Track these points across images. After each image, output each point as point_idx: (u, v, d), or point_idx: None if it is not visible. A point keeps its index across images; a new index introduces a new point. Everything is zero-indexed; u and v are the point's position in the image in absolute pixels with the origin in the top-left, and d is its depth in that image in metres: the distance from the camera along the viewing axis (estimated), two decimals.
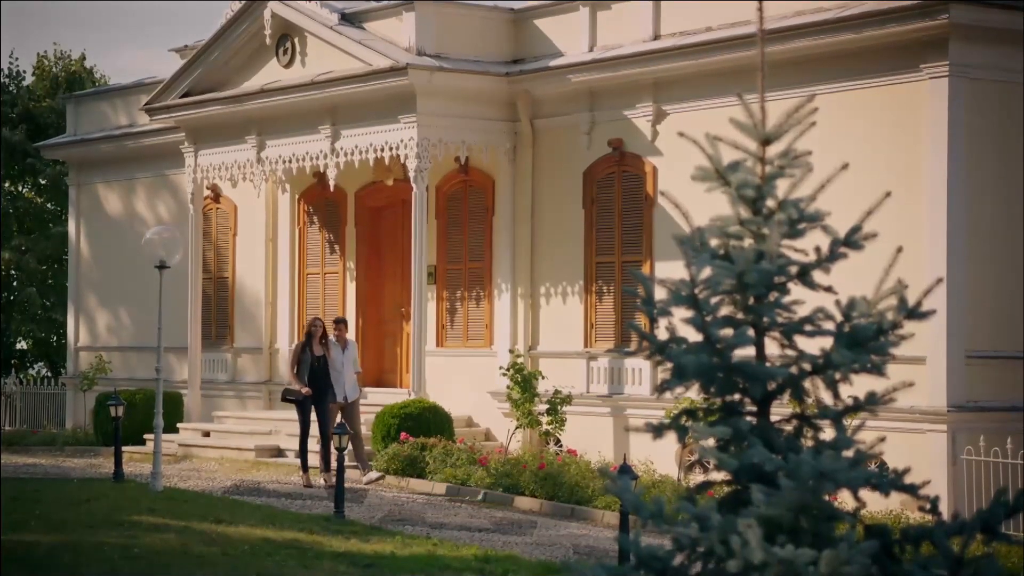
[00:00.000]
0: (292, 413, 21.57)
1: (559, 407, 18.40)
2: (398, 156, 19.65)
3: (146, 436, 20.37)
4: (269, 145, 21.42)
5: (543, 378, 18.80)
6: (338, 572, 10.96)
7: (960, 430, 15.23)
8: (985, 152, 15.76)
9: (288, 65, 21.09)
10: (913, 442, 15.17)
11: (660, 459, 16.77)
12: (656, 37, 18.37)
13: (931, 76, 15.63)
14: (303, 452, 17.45)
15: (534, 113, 19.91)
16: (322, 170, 20.87)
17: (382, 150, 19.77)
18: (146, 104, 23.12)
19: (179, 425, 21.82)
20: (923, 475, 14.30)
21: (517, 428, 18.78)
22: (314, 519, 14.26)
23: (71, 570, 10.50)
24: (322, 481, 17.15)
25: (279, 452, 20.04)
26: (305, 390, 17.15)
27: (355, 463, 17.56)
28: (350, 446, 16.68)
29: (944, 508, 14.50)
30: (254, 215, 23.44)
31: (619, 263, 18.92)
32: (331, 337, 17.79)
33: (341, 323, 18.25)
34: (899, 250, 5.04)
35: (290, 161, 21.10)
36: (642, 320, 16.49)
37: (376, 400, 20.45)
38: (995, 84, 15.83)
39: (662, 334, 5.01)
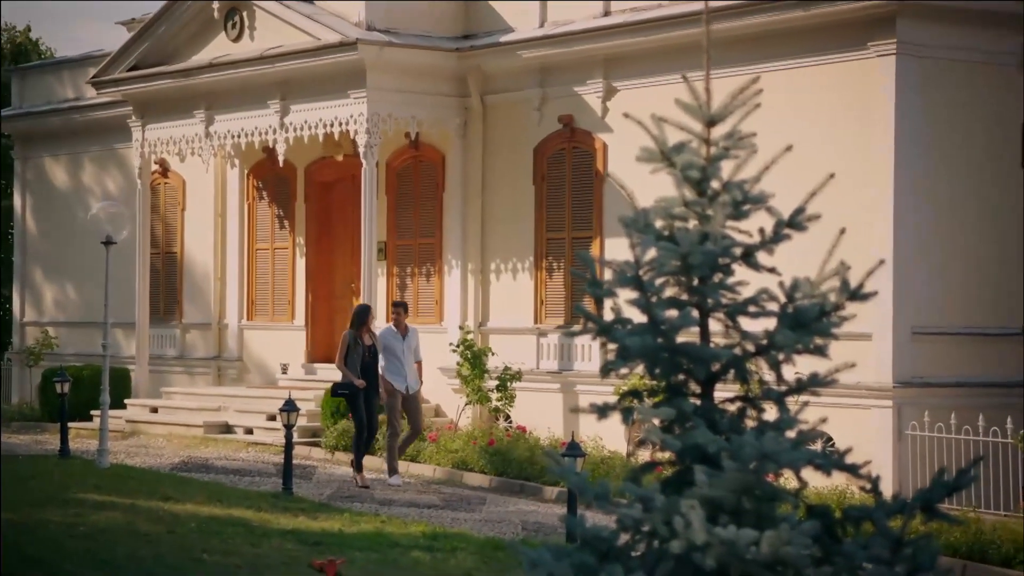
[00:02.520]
0: (239, 388, 21.59)
1: (509, 383, 18.42)
2: (348, 131, 19.55)
3: (93, 412, 20.22)
4: (218, 120, 21.26)
5: (493, 354, 18.80)
6: (285, 550, 10.94)
7: (905, 406, 15.37)
8: (933, 130, 15.86)
9: (237, 39, 20.92)
10: (859, 418, 15.29)
11: (609, 436, 16.82)
12: (607, 13, 18.35)
13: (879, 54, 15.70)
14: (357, 450, 15.97)
15: (485, 89, 19.86)
16: (271, 145, 20.74)
17: (332, 125, 19.66)
18: (93, 77, 22.88)
19: (126, 401, 21.68)
20: (869, 451, 14.44)
21: (467, 404, 18.78)
22: (262, 496, 14.22)
23: (15, 548, 10.40)
24: (356, 480, 15.86)
25: (228, 428, 19.96)
26: (359, 382, 15.83)
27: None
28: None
29: (889, 483, 14.67)
30: (203, 190, 23.28)
31: (569, 239, 18.93)
32: (389, 323, 16.64)
33: (400, 307, 16.73)
34: (842, 231, 5.06)
35: (239, 136, 20.95)
36: (590, 300, 16.47)
37: (326, 376, 20.40)
38: (943, 62, 15.92)
39: (609, 315, 5.01)
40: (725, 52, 15.67)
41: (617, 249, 17.59)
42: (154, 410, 21.22)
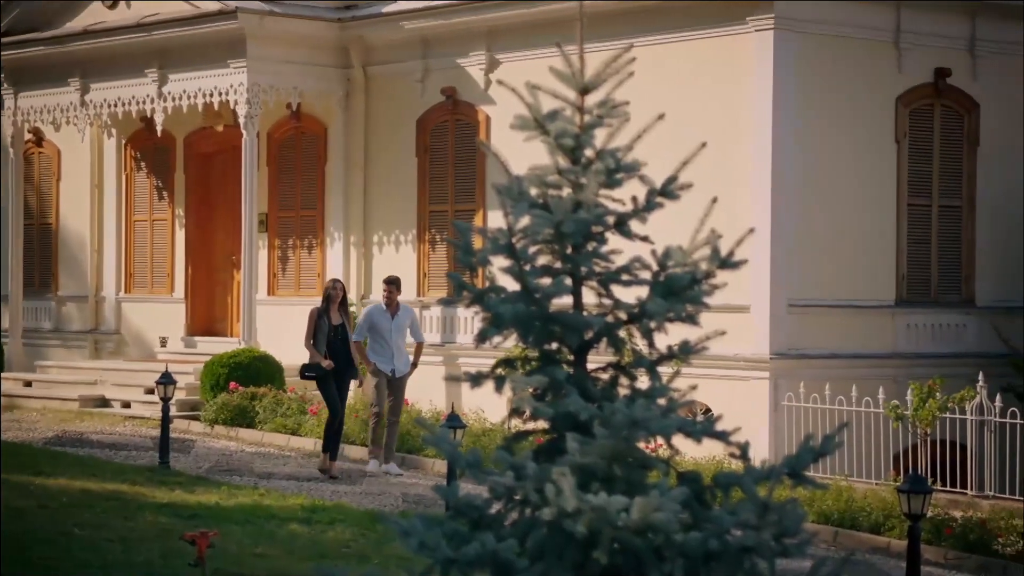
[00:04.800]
0: (117, 362, 21.22)
1: None
2: (228, 101, 19.29)
3: None
4: (93, 88, 20.83)
5: None
6: (160, 523, 10.79)
7: (782, 377, 15.61)
8: (811, 104, 16.07)
9: (113, 6, 20.50)
10: (738, 389, 15.49)
11: (491, 408, 16.85)
12: None
13: (757, 29, 15.86)
14: (328, 437, 14.96)
15: (367, 60, 19.71)
16: (149, 115, 20.39)
17: (211, 95, 19.38)
18: None
19: None
20: (747, 421, 14.62)
21: None
22: (138, 470, 14.02)
23: None
24: (326, 467, 14.84)
25: (105, 402, 19.64)
26: (327, 363, 14.66)
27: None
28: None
29: (766, 453, 14.90)
30: (79, 160, 22.81)
31: (452, 212, 18.89)
32: (381, 300, 15.36)
33: (392, 283, 15.37)
34: (714, 200, 5.08)
35: (116, 105, 20.57)
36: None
37: (206, 349, 20.17)
38: (820, 37, 16.14)
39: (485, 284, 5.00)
40: (605, 26, 15.72)
41: (500, 222, 17.55)
42: (28, 384, 20.79)
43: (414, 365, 15.51)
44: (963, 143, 17.30)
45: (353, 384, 15.54)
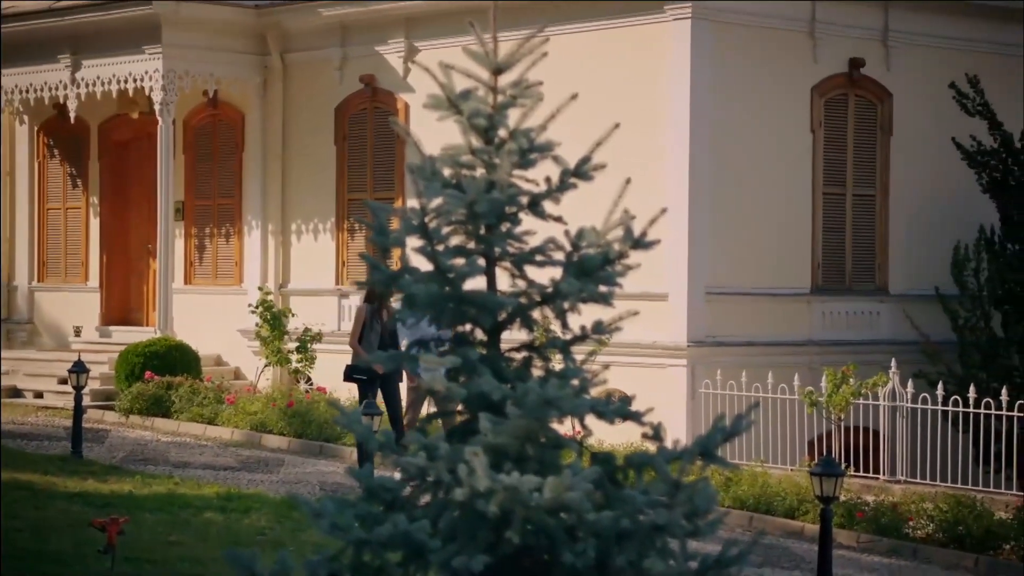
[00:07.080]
0: (29, 352, 20.88)
1: (309, 344, 18.22)
2: (143, 88, 19.05)
3: None
4: (5, 74, 20.47)
5: (293, 316, 18.59)
6: (72, 512, 10.64)
7: (699, 365, 15.70)
8: (727, 93, 16.17)
9: None
10: (656, 377, 15.57)
11: None
12: None
13: (675, 18, 15.94)
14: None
15: (285, 47, 19.55)
16: (62, 101, 20.09)
17: (126, 82, 19.14)
18: None
19: None
20: (665, 409, 14.68)
21: (266, 366, 18.55)
22: (50, 460, 13.82)
23: None
24: None
25: (16, 392, 19.33)
26: (378, 366, 13.89)
27: None
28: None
29: (684, 440, 14.97)
30: None
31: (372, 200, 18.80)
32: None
33: None
34: (628, 181, 5.09)
35: (27, 91, 20.25)
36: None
37: (121, 339, 19.92)
38: (737, 27, 16.24)
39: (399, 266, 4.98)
40: (523, 15, 15.64)
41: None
42: None
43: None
44: (877, 132, 17.51)
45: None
